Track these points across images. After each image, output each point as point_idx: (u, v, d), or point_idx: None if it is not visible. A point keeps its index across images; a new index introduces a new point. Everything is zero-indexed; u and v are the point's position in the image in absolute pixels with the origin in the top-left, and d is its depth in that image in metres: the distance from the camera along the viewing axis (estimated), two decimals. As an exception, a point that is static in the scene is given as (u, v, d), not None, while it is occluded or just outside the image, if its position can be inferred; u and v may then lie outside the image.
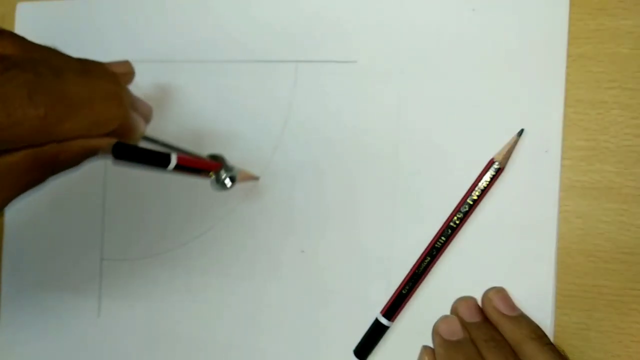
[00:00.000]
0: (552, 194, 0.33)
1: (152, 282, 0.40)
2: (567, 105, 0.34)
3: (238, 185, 0.38)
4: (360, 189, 0.37)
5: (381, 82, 0.37)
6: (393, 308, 0.35)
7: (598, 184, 0.33)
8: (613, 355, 0.33)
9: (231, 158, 0.36)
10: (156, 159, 0.32)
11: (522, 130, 0.34)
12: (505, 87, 0.34)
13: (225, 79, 0.40)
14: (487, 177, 0.34)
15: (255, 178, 0.38)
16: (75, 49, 0.43)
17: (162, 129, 0.40)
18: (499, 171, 0.33)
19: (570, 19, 0.34)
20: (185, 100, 0.40)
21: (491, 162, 0.34)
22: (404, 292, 0.34)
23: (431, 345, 0.34)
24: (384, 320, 0.35)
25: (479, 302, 0.34)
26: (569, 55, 0.34)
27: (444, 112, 0.35)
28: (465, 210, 0.34)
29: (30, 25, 0.46)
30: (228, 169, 0.35)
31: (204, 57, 0.40)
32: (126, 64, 0.34)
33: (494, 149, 0.34)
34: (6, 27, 0.46)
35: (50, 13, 0.45)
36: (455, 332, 0.33)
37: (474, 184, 0.34)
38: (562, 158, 0.33)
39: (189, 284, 0.40)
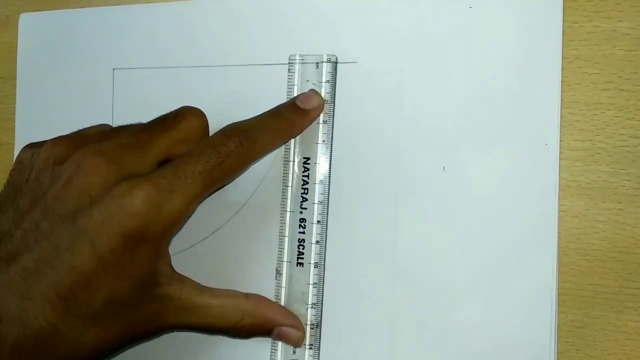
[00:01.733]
0: (551, 194, 0.34)
1: None
2: (563, 106, 0.34)
3: (241, 186, 0.38)
4: (361, 189, 0.37)
5: (381, 82, 0.37)
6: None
7: (594, 184, 0.34)
8: (609, 354, 0.33)
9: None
10: None
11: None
12: (504, 86, 0.35)
13: (225, 82, 0.40)
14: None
15: None
16: (78, 58, 0.45)
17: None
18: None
19: (566, 21, 0.34)
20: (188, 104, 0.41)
21: None
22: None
23: (430, 339, 0.35)
24: None
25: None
26: (564, 57, 0.34)
27: (444, 111, 0.36)
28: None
29: (33, 34, 0.46)
30: None
31: (204, 62, 0.41)
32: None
33: (492, 148, 0.35)
34: (9, 31, 0.47)
35: (53, 22, 0.45)
36: None
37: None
38: (559, 158, 0.34)
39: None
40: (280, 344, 0.37)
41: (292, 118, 0.36)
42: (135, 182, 0.31)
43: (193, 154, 0.33)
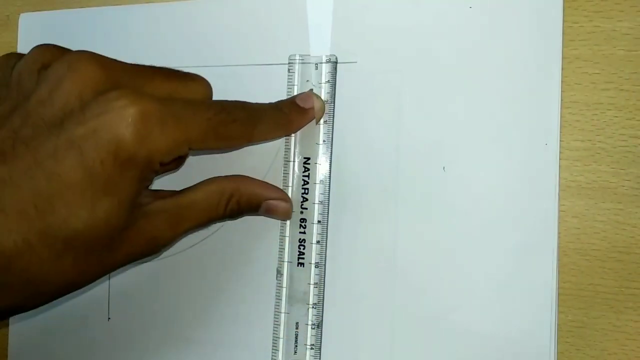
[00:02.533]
0: (551, 194, 0.34)
1: (161, 285, 0.41)
2: (563, 106, 0.34)
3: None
4: (362, 189, 0.37)
5: (381, 82, 0.37)
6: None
7: (594, 184, 0.34)
8: (609, 354, 0.33)
9: (233, 161, 0.36)
10: None
11: None
12: (504, 86, 0.35)
13: (225, 82, 0.40)
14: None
15: None
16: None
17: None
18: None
19: (566, 21, 0.34)
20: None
21: None
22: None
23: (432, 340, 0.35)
24: None
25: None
26: (564, 57, 0.34)
27: (443, 111, 0.36)
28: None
29: (33, 34, 0.46)
30: None
31: (204, 62, 0.41)
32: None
33: (492, 148, 0.35)
34: (9, 31, 0.47)
35: (53, 22, 0.45)
36: None
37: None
38: (559, 158, 0.34)
39: (199, 285, 0.40)
40: (281, 345, 0.37)
41: (291, 115, 0.36)
42: (139, 95, 0.28)
43: (205, 103, 0.32)
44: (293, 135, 0.38)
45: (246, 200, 0.34)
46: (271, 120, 0.35)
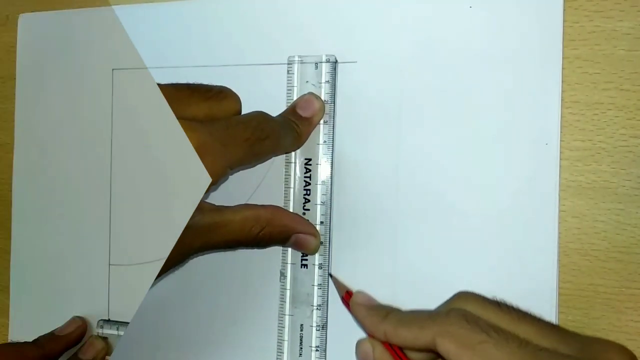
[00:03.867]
0: (551, 194, 0.34)
1: (165, 286, 0.41)
2: (563, 106, 0.34)
3: (238, 192, 0.39)
4: (363, 190, 0.37)
5: (381, 82, 0.37)
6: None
7: (594, 184, 0.34)
8: (610, 352, 0.33)
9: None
10: None
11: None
12: (504, 86, 0.35)
13: (225, 82, 0.40)
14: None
15: None
16: (78, 58, 0.44)
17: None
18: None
19: (567, 20, 0.34)
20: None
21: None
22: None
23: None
24: None
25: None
26: (565, 57, 0.34)
27: (444, 110, 0.36)
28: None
29: (32, 35, 0.46)
30: None
31: (204, 62, 0.41)
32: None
33: (491, 148, 0.35)
34: (9, 31, 0.47)
35: (53, 22, 0.45)
36: None
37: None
38: (559, 158, 0.34)
39: (203, 287, 0.40)
40: (285, 348, 0.37)
41: (299, 129, 0.36)
42: (189, 128, 0.30)
43: (240, 123, 0.33)
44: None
45: (278, 232, 0.36)
46: (288, 134, 0.36)
